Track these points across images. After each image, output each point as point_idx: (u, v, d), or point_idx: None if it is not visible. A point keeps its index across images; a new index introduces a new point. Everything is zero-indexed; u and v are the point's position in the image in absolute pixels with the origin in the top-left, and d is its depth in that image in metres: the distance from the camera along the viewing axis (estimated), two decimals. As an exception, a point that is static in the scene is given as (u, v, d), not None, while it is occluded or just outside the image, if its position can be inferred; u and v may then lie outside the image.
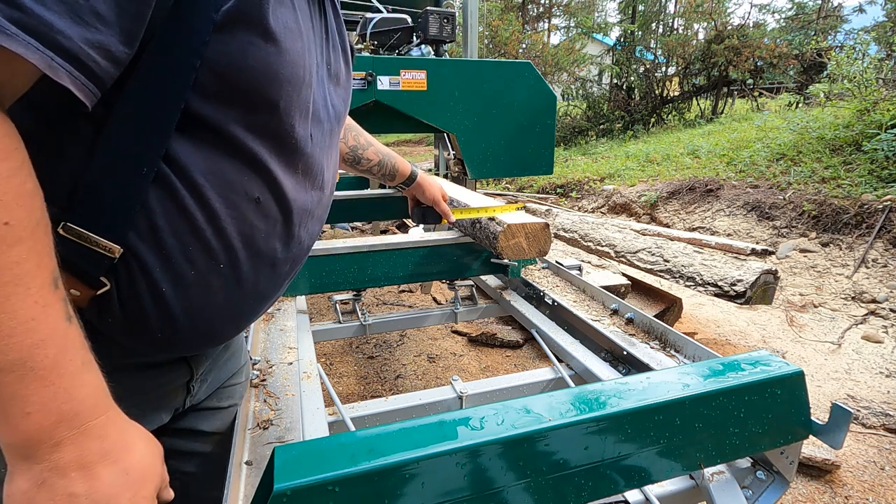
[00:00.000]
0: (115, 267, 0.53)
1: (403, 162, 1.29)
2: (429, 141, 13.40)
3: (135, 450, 0.48)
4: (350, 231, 5.40)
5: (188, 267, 0.56)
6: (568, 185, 7.43)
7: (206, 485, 0.84)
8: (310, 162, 0.66)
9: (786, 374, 0.77)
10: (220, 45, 0.51)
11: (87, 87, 0.43)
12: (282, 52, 0.55)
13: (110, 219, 0.51)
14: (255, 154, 0.58)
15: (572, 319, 1.46)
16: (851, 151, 5.10)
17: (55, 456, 0.42)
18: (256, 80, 0.54)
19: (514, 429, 0.61)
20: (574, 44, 15.02)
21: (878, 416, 2.22)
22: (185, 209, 0.54)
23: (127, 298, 0.55)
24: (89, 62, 0.42)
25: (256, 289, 0.65)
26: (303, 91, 0.60)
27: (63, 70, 0.41)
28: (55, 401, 0.41)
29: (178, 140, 0.53)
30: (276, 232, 0.63)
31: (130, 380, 0.65)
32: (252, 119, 0.56)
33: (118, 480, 0.45)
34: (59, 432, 0.42)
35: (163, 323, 0.57)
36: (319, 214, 0.73)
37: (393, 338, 3.00)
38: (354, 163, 1.18)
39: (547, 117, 2.47)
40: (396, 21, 2.52)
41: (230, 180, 0.57)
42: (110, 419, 0.46)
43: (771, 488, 0.84)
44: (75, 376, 0.43)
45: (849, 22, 16.45)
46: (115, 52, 0.45)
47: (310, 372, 1.17)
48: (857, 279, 3.72)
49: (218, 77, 0.52)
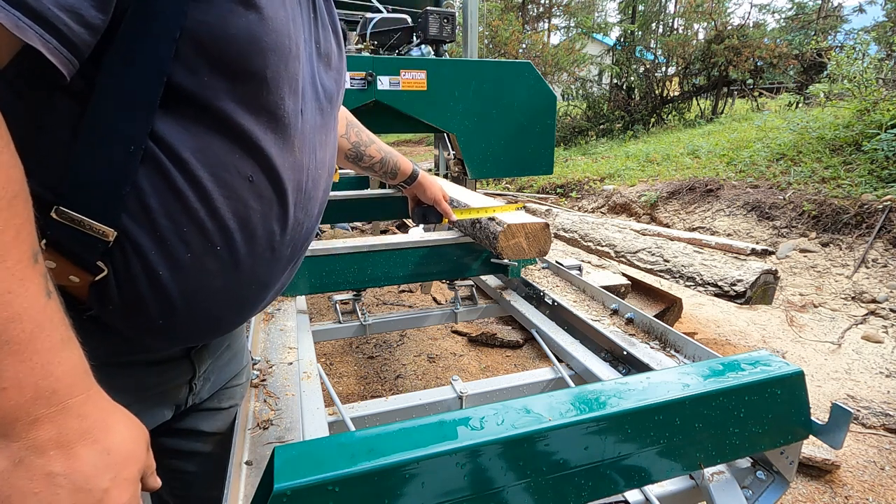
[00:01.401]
0: (111, 251, 0.53)
1: (405, 160, 1.29)
2: (429, 141, 13.40)
3: (116, 431, 0.47)
4: (350, 231, 5.40)
5: (183, 249, 0.55)
6: (568, 185, 7.44)
7: (207, 485, 0.84)
8: (302, 139, 0.64)
9: (786, 374, 0.77)
10: (199, 15, 0.50)
11: (61, 52, 0.43)
12: (264, 20, 0.53)
13: (101, 200, 0.51)
14: (244, 130, 0.56)
15: (572, 319, 1.46)
16: (851, 151, 5.10)
17: (33, 434, 0.41)
18: (240, 50, 0.53)
19: (514, 429, 0.61)
20: (574, 44, 15.02)
21: (878, 416, 2.22)
22: (176, 189, 0.54)
23: (124, 282, 0.54)
24: (60, 25, 0.42)
25: (256, 274, 0.64)
26: (290, 63, 0.59)
27: (32, 31, 0.40)
28: (32, 376, 0.40)
29: (163, 117, 0.52)
30: (272, 213, 0.62)
31: (134, 375, 0.66)
32: (239, 91, 0.55)
33: (99, 460, 0.44)
34: (36, 409, 0.41)
35: (161, 307, 0.57)
36: (317, 196, 0.72)
37: (393, 338, 3.00)
38: (357, 159, 1.17)
39: (547, 117, 2.47)
40: (396, 21, 2.52)
41: (221, 158, 0.56)
42: (90, 398, 0.45)
43: (771, 488, 0.84)
44: (53, 352, 0.42)
45: (849, 22, 16.47)
46: (88, 17, 0.44)
47: (310, 372, 1.17)
48: (857, 279, 3.72)
49: (200, 48, 0.51)
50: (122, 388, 0.60)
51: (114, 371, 0.55)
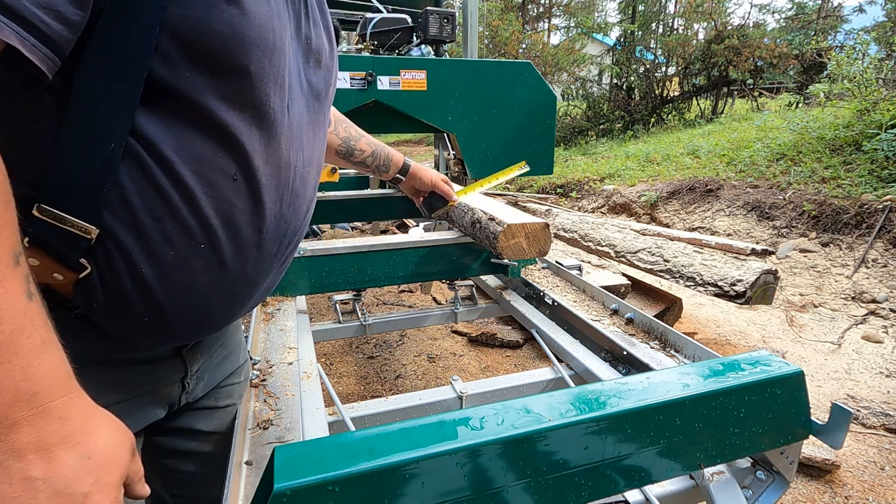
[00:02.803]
0: (94, 249, 0.52)
1: (396, 153, 1.31)
2: (429, 141, 13.40)
3: (99, 434, 0.46)
4: (350, 231, 5.41)
5: (166, 247, 0.55)
6: (568, 185, 7.43)
7: (205, 484, 0.84)
8: (289, 135, 0.64)
9: (786, 374, 0.77)
10: (179, 9, 0.49)
11: (40, 49, 0.43)
12: (246, 14, 0.53)
13: (83, 198, 0.50)
14: (228, 126, 0.56)
15: (572, 319, 1.46)
16: (851, 151, 5.10)
17: (11, 437, 0.40)
18: (222, 45, 0.52)
19: (514, 429, 0.61)
20: (574, 44, 15.02)
21: (878, 416, 2.22)
22: (158, 187, 0.53)
23: (108, 281, 0.54)
24: (37, 22, 0.42)
25: (242, 271, 0.63)
26: (275, 58, 0.58)
27: (9, 29, 0.40)
28: (11, 378, 0.40)
29: (145, 114, 0.51)
30: (257, 211, 0.61)
31: (124, 373, 0.65)
32: (223, 87, 0.54)
33: (79, 465, 0.43)
34: (15, 412, 0.40)
35: (146, 305, 0.56)
36: (305, 194, 0.71)
37: (393, 338, 3.00)
38: (347, 155, 1.19)
39: (547, 117, 2.47)
40: (396, 21, 2.52)
41: (204, 156, 0.55)
42: (72, 401, 0.44)
43: (771, 488, 0.84)
44: (33, 354, 0.41)
45: (849, 22, 16.48)
46: (66, 14, 0.44)
47: (310, 372, 1.17)
48: (857, 279, 3.72)
49: (181, 43, 0.51)
50: (111, 386, 0.60)
51: (103, 369, 0.55)
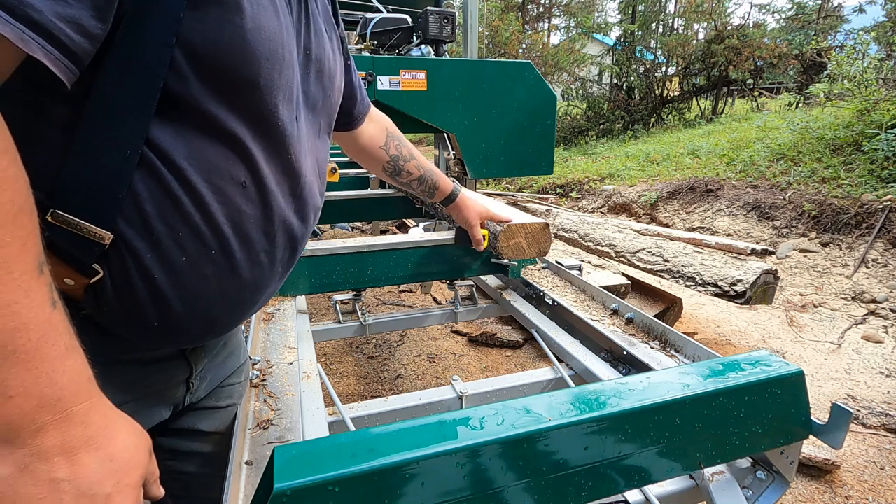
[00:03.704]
0: (107, 254, 0.53)
1: (445, 179, 1.20)
2: (429, 141, 13.38)
3: (119, 438, 0.48)
4: (350, 231, 5.41)
5: (179, 253, 0.56)
6: (568, 185, 7.44)
7: (206, 485, 0.84)
8: (298, 146, 0.66)
9: (786, 374, 0.77)
10: (194, 23, 0.51)
11: (63, 62, 0.44)
12: (258, 29, 0.55)
13: (97, 204, 0.52)
14: (238, 137, 0.57)
15: (572, 319, 1.46)
16: (851, 151, 5.10)
17: (38, 441, 0.41)
18: (233, 58, 0.54)
19: (514, 429, 0.61)
20: (574, 44, 15.02)
21: (878, 416, 2.22)
22: (171, 194, 0.55)
23: (120, 286, 0.55)
24: (61, 36, 0.43)
25: (251, 277, 0.64)
26: (284, 71, 0.60)
27: (35, 43, 0.41)
28: (37, 385, 0.41)
29: (159, 124, 0.53)
30: (267, 218, 0.63)
31: (131, 374, 0.66)
32: (233, 99, 0.56)
33: (102, 467, 0.45)
34: (41, 416, 0.41)
35: (158, 310, 0.57)
36: (312, 201, 0.73)
37: (393, 338, 3.00)
38: (394, 173, 1.11)
39: (547, 117, 2.47)
40: (396, 21, 2.52)
41: (215, 164, 0.57)
42: (94, 406, 0.46)
43: (771, 488, 0.84)
44: (58, 361, 0.43)
45: (849, 22, 16.46)
46: (88, 27, 0.45)
47: (310, 372, 1.17)
48: (857, 279, 3.73)
49: (194, 56, 0.52)
50: (118, 387, 0.60)
51: (110, 370, 0.55)
